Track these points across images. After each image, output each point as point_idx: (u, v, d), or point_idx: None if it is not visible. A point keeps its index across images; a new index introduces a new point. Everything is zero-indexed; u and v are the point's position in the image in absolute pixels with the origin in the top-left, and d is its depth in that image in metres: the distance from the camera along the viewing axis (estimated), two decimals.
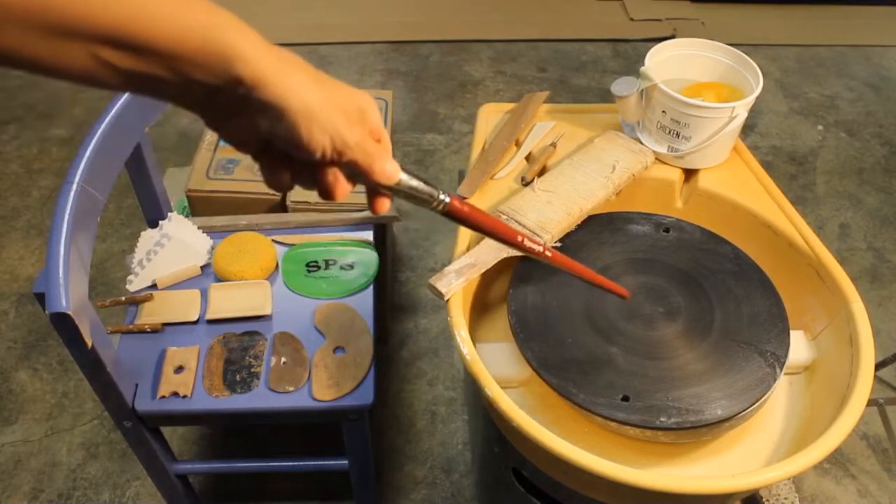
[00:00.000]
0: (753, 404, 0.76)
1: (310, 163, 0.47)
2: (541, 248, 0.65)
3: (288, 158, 0.47)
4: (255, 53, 0.41)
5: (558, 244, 0.92)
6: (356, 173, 0.49)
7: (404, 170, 0.51)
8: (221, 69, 0.41)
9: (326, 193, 0.49)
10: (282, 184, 0.49)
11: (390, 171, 0.49)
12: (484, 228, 0.60)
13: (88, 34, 0.37)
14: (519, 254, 0.89)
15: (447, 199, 0.54)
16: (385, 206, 0.53)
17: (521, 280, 0.89)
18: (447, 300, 0.83)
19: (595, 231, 0.95)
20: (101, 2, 0.37)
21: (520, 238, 0.63)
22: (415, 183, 0.52)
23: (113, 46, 0.38)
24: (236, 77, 0.41)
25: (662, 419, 0.75)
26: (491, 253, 0.87)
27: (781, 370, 0.79)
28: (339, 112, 0.45)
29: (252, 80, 0.41)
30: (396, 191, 0.51)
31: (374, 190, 0.52)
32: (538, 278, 0.89)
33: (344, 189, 0.49)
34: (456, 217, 0.56)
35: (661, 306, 0.86)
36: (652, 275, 0.90)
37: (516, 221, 0.91)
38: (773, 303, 0.87)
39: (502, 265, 0.89)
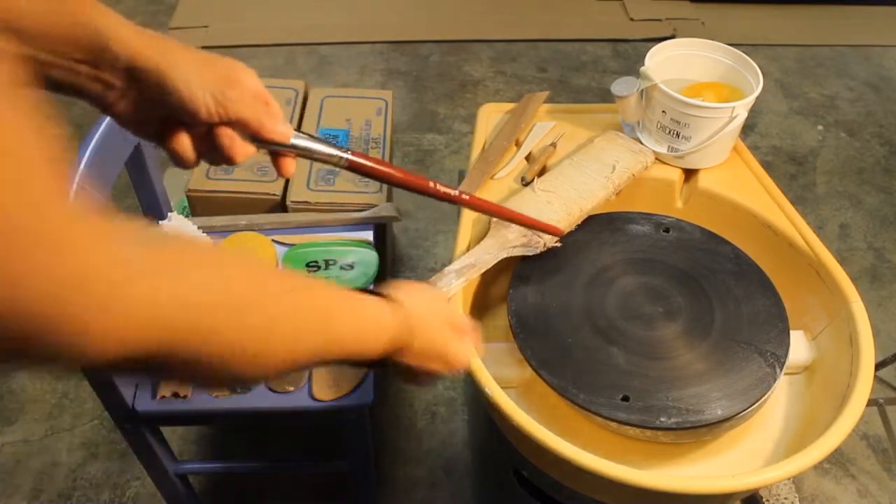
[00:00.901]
0: (753, 404, 0.77)
1: (206, 128, 0.52)
2: (456, 193, 0.69)
3: (186, 132, 0.52)
4: (123, 30, 0.47)
5: (558, 244, 0.92)
6: (250, 134, 0.53)
7: (302, 132, 0.55)
8: (96, 46, 0.46)
9: (225, 156, 0.53)
10: (186, 157, 0.53)
11: (282, 129, 0.54)
12: (392, 180, 0.63)
13: None
14: (518, 254, 0.89)
15: (348, 156, 0.58)
16: (290, 167, 0.57)
17: (521, 280, 0.89)
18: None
19: (595, 231, 0.95)
20: None
21: (432, 184, 0.66)
22: (311, 144, 0.55)
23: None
24: (111, 51, 0.46)
25: (662, 419, 0.75)
26: (491, 253, 0.87)
27: (781, 370, 0.79)
28: (212, 72, 0.50)
29: (126, 52, 0.47)
30: (297, 151, 0.55)
31: (276, 152, 0.56)
32: (538, 278, 0.89)
33: (241, 150, 0.53)
34: (360, 170, 0.60)
35: (661, 306, 0.86)
36: (652, 275, 0.90)
37: None
38: (773, 303, 0.87)
39: (502, 265, 0.89)
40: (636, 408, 0.76)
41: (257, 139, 0.53)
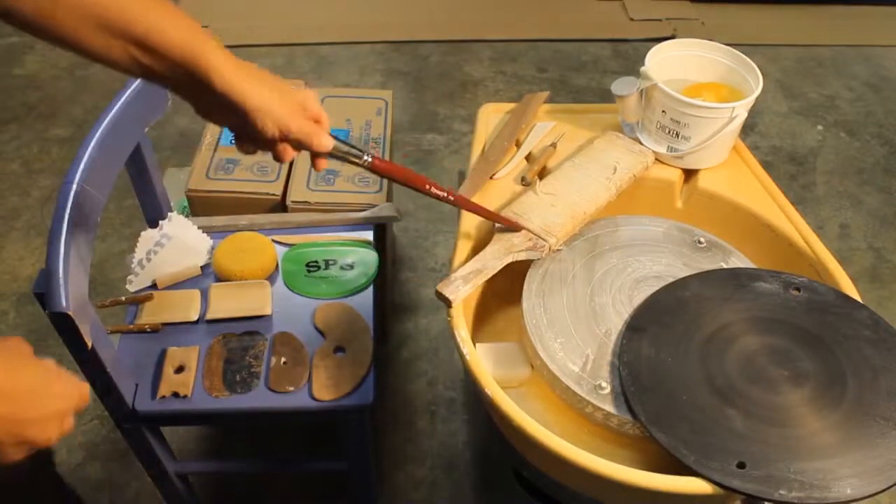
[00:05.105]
0: (889, 487, 0.69)
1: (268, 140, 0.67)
2: (445, 194, 0.84)
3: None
4: (224, 66, 0.60)
5: (560, 248, 0.92)
6: (300, 146, 0.69)
7: (338, 140, 0.71)
8: (203, 77, 0.59)
9: (278, 159, 0.69)
10: (249, 152, 0.70)
11: (325, 143, 0.70)
12: (397, 178, 0.80)
13: (127, 37, 0.58)
14: (523, 258, 0.89)
15: (370, 159, 0.75)
16: (323, 164, 0.73)
17: (635, 331, 0.83)
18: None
19: (717, 286, 0.88)
20: (133, 16, 0.57)
21: (427, 186, 0.81)
22: (344, 148, 0.73)
23: (138, 48, 0.58)
24: (211, 84, 0.60)
25: (782, 492, 0.68)
26: (497, 258, 0.87)
27: None
28: (285, 108, 0.65)
29: (222, 87, 0.60)
30: (333, 155, 0.72)
31: (315, 154, 0.72)
32: (654, 331, 0.83)
33: (290, 154, 0.69)
34: (378, 172, 0.77)
35: (787, 370, 0.78)
36: (778, 336, 0.82)
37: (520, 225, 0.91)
38: None
39: (505, 268, 0.89)
40: (753, 476, 0.69)
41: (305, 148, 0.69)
